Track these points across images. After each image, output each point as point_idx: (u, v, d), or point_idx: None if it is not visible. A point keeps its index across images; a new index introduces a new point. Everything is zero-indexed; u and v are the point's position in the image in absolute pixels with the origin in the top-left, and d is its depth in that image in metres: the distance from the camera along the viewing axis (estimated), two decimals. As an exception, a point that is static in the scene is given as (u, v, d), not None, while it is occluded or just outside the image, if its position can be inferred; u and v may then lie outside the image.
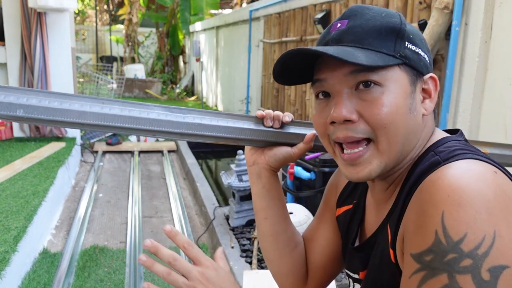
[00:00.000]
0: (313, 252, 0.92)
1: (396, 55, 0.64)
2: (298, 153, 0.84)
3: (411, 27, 0.68)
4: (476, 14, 2.11)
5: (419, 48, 0.67)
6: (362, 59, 0.61)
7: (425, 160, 0.65)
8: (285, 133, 0.84)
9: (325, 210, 0.93)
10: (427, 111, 0.67)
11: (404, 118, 0.64)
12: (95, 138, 5.88)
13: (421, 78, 0.67)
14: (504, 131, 2.00)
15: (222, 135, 0.81)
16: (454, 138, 0.68)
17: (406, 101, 0.64)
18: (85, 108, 0.73)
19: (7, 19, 4.45)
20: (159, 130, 0.77)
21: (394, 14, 0.67)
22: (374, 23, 0.65)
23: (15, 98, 0.70)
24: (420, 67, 0.66)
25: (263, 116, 0.83)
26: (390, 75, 0.64)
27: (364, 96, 0.64)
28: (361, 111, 0.64)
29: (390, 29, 0.65)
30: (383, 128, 0.63)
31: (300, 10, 4.39)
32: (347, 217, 0.85)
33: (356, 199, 0.84)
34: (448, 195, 0.53)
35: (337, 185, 0.92)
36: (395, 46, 0.64)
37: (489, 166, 0.58)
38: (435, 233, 0.53)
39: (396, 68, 0.64)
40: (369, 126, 0.64)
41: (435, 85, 0.68)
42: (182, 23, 11.40)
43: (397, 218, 0.65)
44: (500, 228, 0.51)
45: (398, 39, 0.65)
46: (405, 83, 0.65)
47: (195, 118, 0.79)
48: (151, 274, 2.62)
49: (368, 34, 0.64)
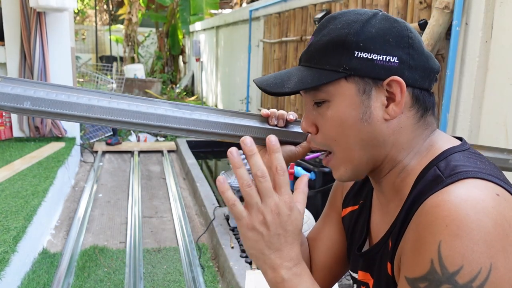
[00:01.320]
0: (317, 252, 0.92)
1: (339, 69, 0.64)
2: (302, 151, 0.85)
3: (376, 29, 0.65)
4: (477, 14, 2.11)
5: (374, 54, 0.64)
6: (290, 85, 0.67)
7: (428, 176, 0.64)
8: (289, 131, 0.85)
9: (331, 210, 0.93)
10: (391, 115, 0.65)
11: (353, 128, 0.66)
12: (94, 138, 5.88)
13: (380, 83, 0.65)
14: (504, 131, 2.00)
15: (227, 132, 0.82)
16: (458, 149, 0.66)
17: (355, 112, 0.65)
18: (93, 102, 0.73)
19: (7, 19, 4.45)
20: (166, 125, 0.77)
21: (351, 22, 0.65)
22: (324, 39, 0.67)
23: (23, 90, 0.70)
24: (374, 74, 0.64)
25: (268, 115, 0.84)
26: (336, 90, 0.66)
27: (319, 111, 0.69)
28: (317, 124, 0.70)
29: (336, 42, 0.65)
30: (334, 140, 0.68)
31: (300, 10, 4.39)
32: (353, 218, 0.85)
33: (362, 200, 0.84)
34: (447, 225, 0.53)
35: (343, 185, 0.91)
36: (340, 59, 0.64)
37: (490, 189, 0.57)
38: (431, 262, 0.54)
39: (342, 81, 0.65)
40: (325, 140, 0.70)
41: (399, 87, 0.64)
42: (182, 23, 11.39)
43: (397, 232, 0.65)
44: (497, 260, 0.52)
45: (345, 51, 0.64)
46: (352, 95, 0.65)
47: (201, 115, 0.80)
48: (151, 274, 2.62)
49: (317, 51, 0.68)
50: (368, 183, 0.84)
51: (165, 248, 2.98)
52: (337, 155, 0.69)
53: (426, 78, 0.67)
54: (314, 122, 0.71)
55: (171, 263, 2.77)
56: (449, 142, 0.69)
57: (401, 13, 2.72)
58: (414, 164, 0.68)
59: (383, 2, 2.94)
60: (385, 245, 0.69)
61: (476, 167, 0.61)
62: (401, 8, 2.74)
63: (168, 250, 2.95)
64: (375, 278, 0.73)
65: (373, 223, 0.79)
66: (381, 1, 2.95)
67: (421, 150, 0.68)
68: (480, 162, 0.63)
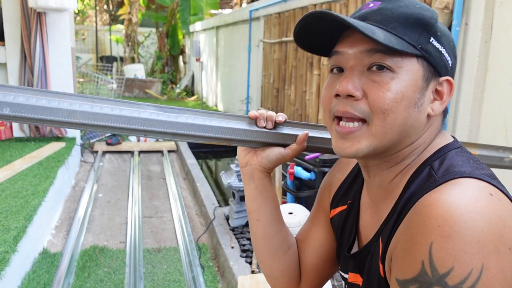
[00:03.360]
0: (306, 253, 0.91)
1: (417, 46, 0.63)
2: (291, 154, 0.83)
3: (444, 28, 0.67)
4: (476, 14, 2.11)
5: (444, 49, 0.66)
6: (379, 36, 0.60)
7: (422, 175, 0.64)
8: (278, 133, 0.83)
9: (318, 211, 0.92)
10: (434, 112, 0.66)
11: (406, 109, 0.63)
12: (95, 138, 5.88)
13: (437, 78, 0.66)
14: (504, 131, 2.00)
15: (214, 135, 0.80)
16: (451, 147, 0.67)
17: (414, 94, 0.64)
18: (74, 107, 0.71)
19: (7, 19, 4.45)
20: (150, 130, 0.75)
21: (429, 9, 0.67)
22: (405, 10, 0.64)
23: (1, 96, 0.68)
24: (439, 66, 0.65)
25: (256, 117, 0.82)
26: (405, 64, 0.63)
27: (374, 78, 0.64)
28: (366, 91, 0.64)
29: (419, 20, 0.64)
30: (382, 113, 0.63)
31: (300, 10, 4.39)
32: (342, 218, 0.84)
33: (351, 199, 0.83)
34: (439, 225, 0.53)
35: (330, 185, 0.90)
36: (419, 38, 0.64)
37: (484, 189, 0.56)
38: (422, 264, 0.53)
39: (414, 59, 0.64)
40: (369, 108, 0.64)
41: (449, 89, 0.67)
42: (182, 23, 11.39)
43: (389, 232, 0.65)
44: (489, 261, 0.51)
45: (424, 32, 0.64)
46: (418, 77, 0.64)
47: (187, 118, 0.78)
48: (151, 274, 2.62)
49: (395, 18, 0.64)
50: (356, 183, 0.83)
51: (165, 248, 2.98)
52: (373, 127, 0.64)
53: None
54: (361, 86, 0.65)
55: (171, 263, 2.77)
56: (444, 139, 0.70)
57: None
58: (415, 162, 0.68)
59: (383, 2, 2.94)
60: (376, 245, 0.68)
61: (469, 166, 0.61)
62: (401, 8, 2.74)
63: (168, 250, 2.95)
64: (364, 279, 0.72)
65: (362, 223, 0.78)
66: (381, 1, 2.95)
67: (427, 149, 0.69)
68: (473, 161, 0.63)
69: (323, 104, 0.71)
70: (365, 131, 0.65)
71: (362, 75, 0.65)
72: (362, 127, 0.65)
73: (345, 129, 0.66)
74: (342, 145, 0.67)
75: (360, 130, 0.65)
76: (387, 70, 0.63)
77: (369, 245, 0.71)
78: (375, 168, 0.72)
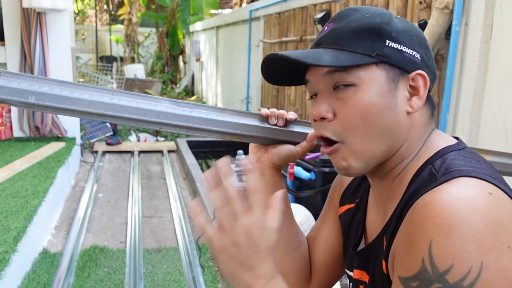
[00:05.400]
0: (316, 251, 0.92)
1: (372, 54, 0.65)
2: (301, 151, 0.85)
3: (402, 25, 0.68)
4: (476, 14, 2.11)
5: (404, 46, 0.66)
6: (326, 60, 0.64)
7: (424, 174, 0.65)
8: (289, 131, 0.85)
9: (329, 209, 0.94)
10: (413, 108, 0.67)
11: (379, 116, 0.65)
12: (95, 138, 5.88)
13: (406, 75, 0.67)
14: (504, 131, 2.00)
15: (227, 130, 0.82)
16: (454, 148, 0.67)
17: (383, 100, 0.65)
18: (95, 97, 0.75)
19: (7, 19, 4.45)
20: (165, 122, 0.78)
21: (379, 14, 0.68)
22: (355, 24, 0.67)
23: (28, 85, 0.72)
24: (403, 65, 0.66)
25: (267, 115, 0.84)
26: (365, 74, 0.65)
27: (340, 96, 0.66)
28: (336, 110, 0.67)
29: (368, 29, 0.66)
30: (353, 129, 0.65)
31: (300, 10, 4.39)
32: (349, 216, 0.85)
33: (359, 198, 0.84)
34: (437, 223, 0.54)
35: (341, 184, 0.92)
36: (373, 45, 0.65)
37: (483, 187, 0.57)
38: (422, 261, 0.54)
39: (373, 67, 0.65)
40: (341, 128, 0.67)
41: (424, 81, 0.67)
42: (182, 23, 11.39)
43: (392, 230, 0.66)
44: (488, 259, 0.51)
45: (377, 39, 0.65)
46: (382, 82, 0.65)
47: (201, 112, 0.80)
48: (151, 274, 2.62)
49: (346, 35, 0.66)
50: (365, 182, 0.84)
51: (165, 248, 2.98)
52: (351, 145, 0.67)
53: (433, 81, 0.70)
54: (331, 107, 0.67)
55: (171, 263, 2.77)
56: (446, 141, 0.70)
57: (401, 13, 2.72)
58: (413, 162, 0.69)
59: (383, 2, 2.94)
60: (380, 243, 0.70)
61: (470, 166, 0.61)
62: (401, 8, 2.74)
63: (168, 250, 2.95)
64: (370, 276, 0.74)
65: (368, 221, 0.80)
66: (381, 1, 2.95)
67: (422, 148, 0.69)
68: (476, 161, 0.63)
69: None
70: (345, 149, 0.68)
71: (330, 95, 0.68)
72: (341, 146, 0.68)
73: (326, 149, 0.70)
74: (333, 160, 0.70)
75: (340, 148, 0.68)
76: (349, 85, 0.65)
77: (374, 242, 0.72)
78: (375, 174, 0.73)
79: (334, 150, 0.69)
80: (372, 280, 0.73)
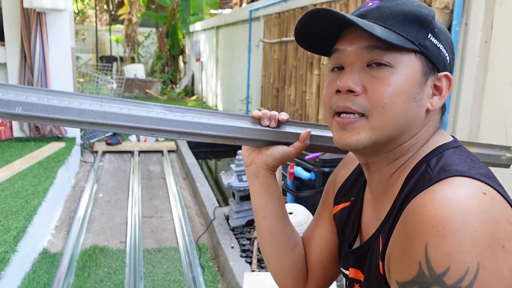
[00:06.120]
0: (312, 251, 0.92)
1: (415, 42, 0.65)
2: (294, 151, 0.85)
3: (441, 25, 0.69)
4: (476, 14, 2.11)
5: (441, 45, 0.67)
6: (378, 31, 0.62)
7: (419, 173, 0.65)
8: (281, 132, 0.85)
9: (323, 209, 0.93)
10: (433, 106, 0.68)
11: (406, 103, 0.65)
12: (95, 138, 5.88)
13: (436, 74, 0.68)
14: (504, 131, 2.00)
15: (220, 134, 0.81)
16: (450, 146, 0.68)
17: (413, 89, 0.65)
18: (84, 106, 0.73)
19: (7, 19, 4.45)
20: (157, 128, 0.77)
21: (426, 7, 0.68)
22: (403, 8, 0.66)
23: (14, 96, 0.70)
24: (437, 62, 0.67)
25: (259, 117, 0.84)
26: (403, 59, 0.65)
27: (374, 73, 0.66)
28: (366, 86, 0.66)
29: (417, 17, 0.66)
30: (382, 107, 0.65)
31: (300, 10, 4.39)
32: (344, 215, 0.85)
33: (354, 197, 0.84)
34: (432, 225, 0.54)
35: (335, 183, 0.92)
36: (417, 34, 0.65)
37: (477, 188, 0.57)
38: (419, 264, 0.54)
39: (412, 54, 0.65)
40: (369, 103, 0.65)
41: (448, 84, 0.69)
42: (182, 23, 11.38)
43: (388, 229, 0.65)
44: (484, 259, 0.51)
45: (422, 29, 0.66)
46: (416, 71, 0.65)
47: (193, 117, 0.80)
48: (151, 274, 2.62)
49: (393, 15, 0.66)
50: (359, 181, 0.84)
51: (165, 248, 2.98)
52: (372, 121, 0.66)
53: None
54: (361, 82, 0.66)
55: (171, 263, 2.77)
56: (443, 138, 0.71)
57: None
58: (412, 159, 0.69)
59: (383, 2, 2.94)
60: (376, 242, 0.69)
61: (465, 165, 0.61)
62: (401, 8, 2.74)
63: (168, 250, 2.95)
64: (365, 275, 0.73)
65: (364, 220, 0.80)
66: (381, 1, 2.95)
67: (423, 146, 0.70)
68: (470, 160, 0.64)
69: (324, 102, 0.73)
70: (364, 124, 0.67)
71: (362, 71, 0.67)
72: (361, 119, 0.67)
73: (345, 119, 0.68)
74: (342, 135, 0.69)
75: (359, 122, 0.67)
76: (386, 66, 0.65)
77: (370, 241, 0.72)
78: (374, 165, 0.73)
79: (353, 122, 0.67)
80: (367, 279, 0.72)
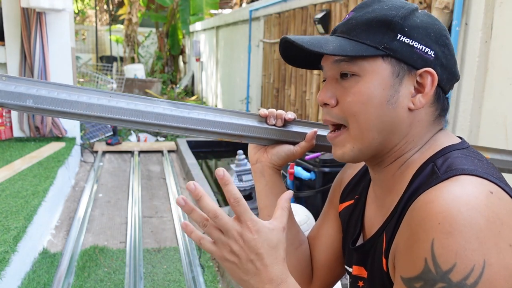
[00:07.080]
0: (317, 250, 0.92)
1: (380, 46, 0.65)
2: (300, 151, 0.85)
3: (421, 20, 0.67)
4: (476, 14, 2.11)
5: (416, 42, 0.66)
6: (329, 48, 0.65)
7: (425, 171, 0.65)
8: (287, 131, 0.85)
9: (329, 207, 0.94)
10: (416, 105, 0.66)
11: (378, 108, 0.66)
12: (95, 138, 5.88)
13: (413, 72, 0.66)
14: (504, 131, 2.00)
15: (225, 131, 0.82)
16: (457, 147, 0.67)
17: (384, 92, 0.65)
18: (93, 100, 0.75)
19: (7, 19, 4.45)
20: (164, 124, 0.78)
21: (398, 7, 0.67)
22: (370, 15, 0.67)
23: (25, 89, 0.72)
24: (411, 60, 0.65)
25: (266, 115, 0.84)
26: (369, 66, 0.66)
27: (344, 84, 0.68)
28: (338, 98, 0.69)
29: (381, 21, 0.66)
30: (353, 116, 0.67)
31: (300, 10, 4.39)
32: (348, 212, 0.85)
33: (358, 194, 0.84)
34: (439, 222, 0.54)
35: (341, 181, 0.92)
36: (383, 38, 0.65)
37: (484, 186, 0.57)
38: (425, 261, 0.54)
39: (379, 59, 0.66)
40: (343, 113, 0.69)
41: (431, 80, 0.66)
42: (182, 23, 11.39)
43: (392, 227, 0.65)
44: (490, 257, 0.52)
45: (389, 31, 0.66)
46: (385, 75, 0.65)
47: (199, 113, 0.81)
48: (151, 274, 2.62)
49: (358, 25, 0.67)
50: (364, 179, 0.84)
51: (165, 248, 2.98)
52: (351, 131, 0.68)
53: (449, 81, 0.69)
54: (335, 94, 0.70)
55: (171, 263, 2.77)
56: (450, 140, 0.70)
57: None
58: (415, 159, 0.69)
59: (383, 2, 2.94)
60: (379, 239, 0.70)
61: (472, 164, 0.61)
62: (401, 8, 2.74)
63: (168, 250, 2.95)
64: (369, 272, 0.73)
65: (367, 217, 0.80)
66: (381, 1, 2.95)
67: (425, 146, 0.69)
68: (478, 160, 0.63)
69: None
70: (347, 135, 0.70)
71: (336, 83, 0.70)
72: (343, 132, 0.70)
73: (331, 135, 0.73)
74: (333, 150, 0.73)
75: (343, 135, 0.70)
76: (353, 75, 0.67)
77: (373, 238, 0.72)
78: (376, 166, 0.73)
79: (338, 135, 0.71)
80: (370, 276, 0.72)
